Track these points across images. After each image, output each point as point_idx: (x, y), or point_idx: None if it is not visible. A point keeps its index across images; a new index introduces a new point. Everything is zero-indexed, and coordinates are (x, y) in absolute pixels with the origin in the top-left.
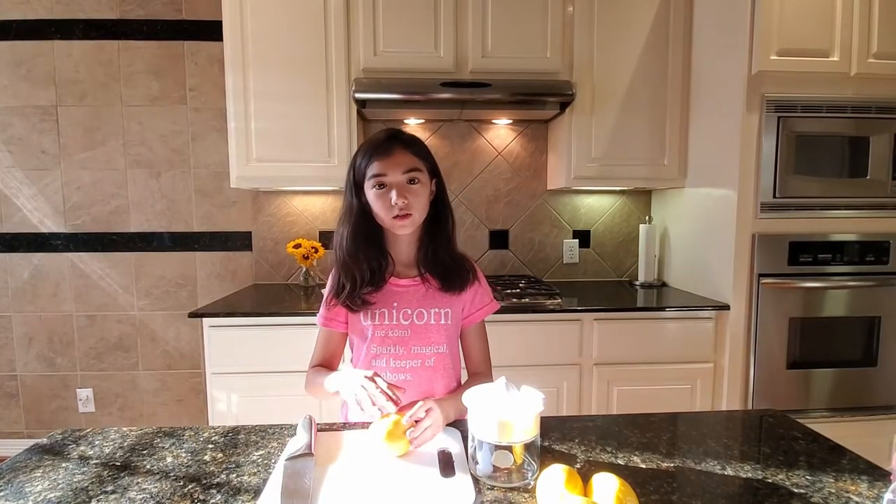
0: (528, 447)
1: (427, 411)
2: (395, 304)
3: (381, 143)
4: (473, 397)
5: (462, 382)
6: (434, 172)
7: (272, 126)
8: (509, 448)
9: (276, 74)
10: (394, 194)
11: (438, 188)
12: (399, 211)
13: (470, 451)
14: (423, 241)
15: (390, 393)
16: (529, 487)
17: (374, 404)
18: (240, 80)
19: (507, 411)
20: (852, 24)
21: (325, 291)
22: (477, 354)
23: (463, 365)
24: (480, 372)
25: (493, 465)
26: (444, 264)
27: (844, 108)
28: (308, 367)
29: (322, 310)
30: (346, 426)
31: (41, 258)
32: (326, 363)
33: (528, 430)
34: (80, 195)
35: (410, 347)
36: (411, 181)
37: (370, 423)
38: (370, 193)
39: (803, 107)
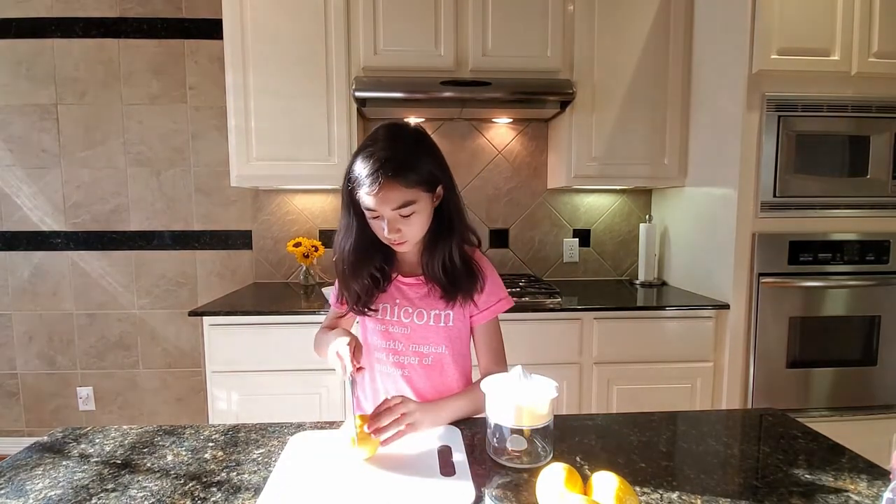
0: (543, 431)
1: (398, 406)
2: (398, 301)
3: (367, 176)
4: (492, 384)
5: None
6: (436, 181)
7: (272, 125)
8: (524, 432)
9: (277, 73)
10: (385, 229)
11: (445, 191)
12: (392, 241)
13: (487, 435)
14: (426, 247)
15: (349, 366)
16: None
17: (344, 374)
18: (240, 79)
19: (523, 397)
20: (853, 23)
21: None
22: (485, 355)
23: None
24: (490, 373)
25: (509, 448)
26: (447, 273)
27: (845, 108)
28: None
29: (334, 290)
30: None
31: (41, 256)
32: (332, 328)
33: (543, 415)
34: (80, 194)
35: (409, 345)
36: (404, 214)
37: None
38: (367, 214)
39: (804, 106)
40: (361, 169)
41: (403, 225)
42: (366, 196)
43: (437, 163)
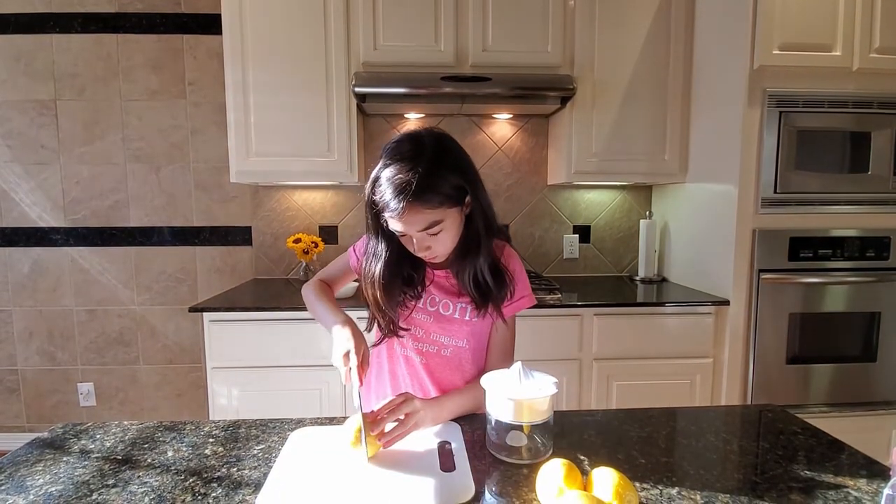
0: (543, 427)
1: (401, 405)
2: (427, 288)
3: (389, 200)
4: (491, 380)
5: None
6: (462, 193)
7: (272, 121)
8: (523, 428)
9: (276, 69)
10: (415, 246)
11: (473, 200)
12: (424, 257)
13: (487, 430)
14: (455, 257)
15: (355, 381)
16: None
17: (347, 381)
18: (239, 75)
19: (523, 393)
20: (854, 18)
21: (360, 245)
22: (495, 350)
23: None
24: (495, 369)
25: (508, 444)
26: (477, 286)
27: (846, 103)
28: (316, 277)
29: (355, 248)
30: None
31: (41, 253)
32: (331, 281)
33: (543, 411)
34: (79, 190)
35: (430, 334)
36: (432, 233)
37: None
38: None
39: (805, 102)
40: (384, 193)
41: (432, 242)
42: (391, 219)
43: (463, 174)
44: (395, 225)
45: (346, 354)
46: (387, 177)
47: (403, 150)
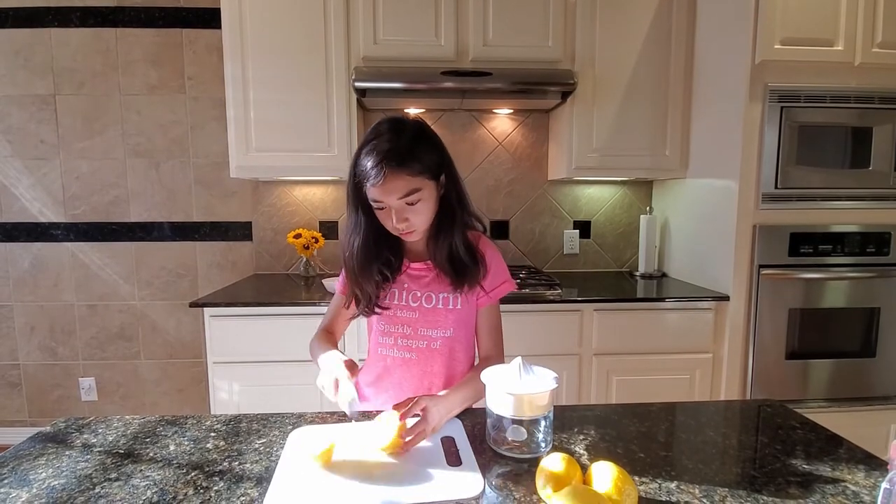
0: (543, 421)
1: (423, 410)
2: (406, 286)
3: (371, 168)
4: (492, 375)
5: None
6: (439, 170)
7: (272, 115)
8: (524, 422)
9: (276, 63)
10: (394, 218)
11: (447, 181)
12: (401, 231)
13: (488, 425)
14: (431, 236)
15: (343, 386)
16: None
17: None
18: (238, 69)
19: (523, 388)
20: (857, 13)
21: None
22: (485, 339)
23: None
24: (489, 357)
25: (509, 439)
26: (453, 262)
27: (848, 99)
28: (318, 328)
29: (341, 276)
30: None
31: (41, 248)
32: (332, 326)
33: (543, 406)
34: (79, 185)
35: (417, 329)
36: (410, 202)
37: (380, 411)
38: (374, 207)
39: (806, 97)
40: (366, 163)
41: (411, 214)
42: (372, 188)
43: (440, 153)
44: (375, 193)
45: (335, 382)
46: (368, 150)
47: (383, 128)
